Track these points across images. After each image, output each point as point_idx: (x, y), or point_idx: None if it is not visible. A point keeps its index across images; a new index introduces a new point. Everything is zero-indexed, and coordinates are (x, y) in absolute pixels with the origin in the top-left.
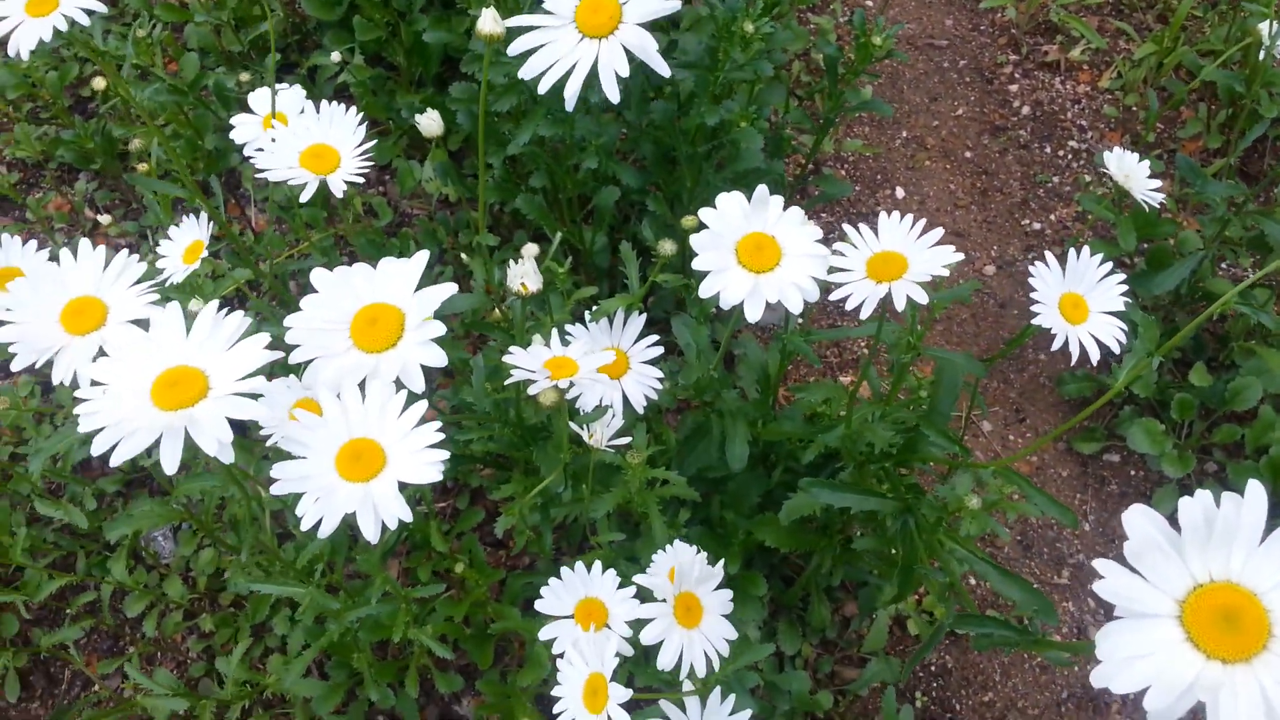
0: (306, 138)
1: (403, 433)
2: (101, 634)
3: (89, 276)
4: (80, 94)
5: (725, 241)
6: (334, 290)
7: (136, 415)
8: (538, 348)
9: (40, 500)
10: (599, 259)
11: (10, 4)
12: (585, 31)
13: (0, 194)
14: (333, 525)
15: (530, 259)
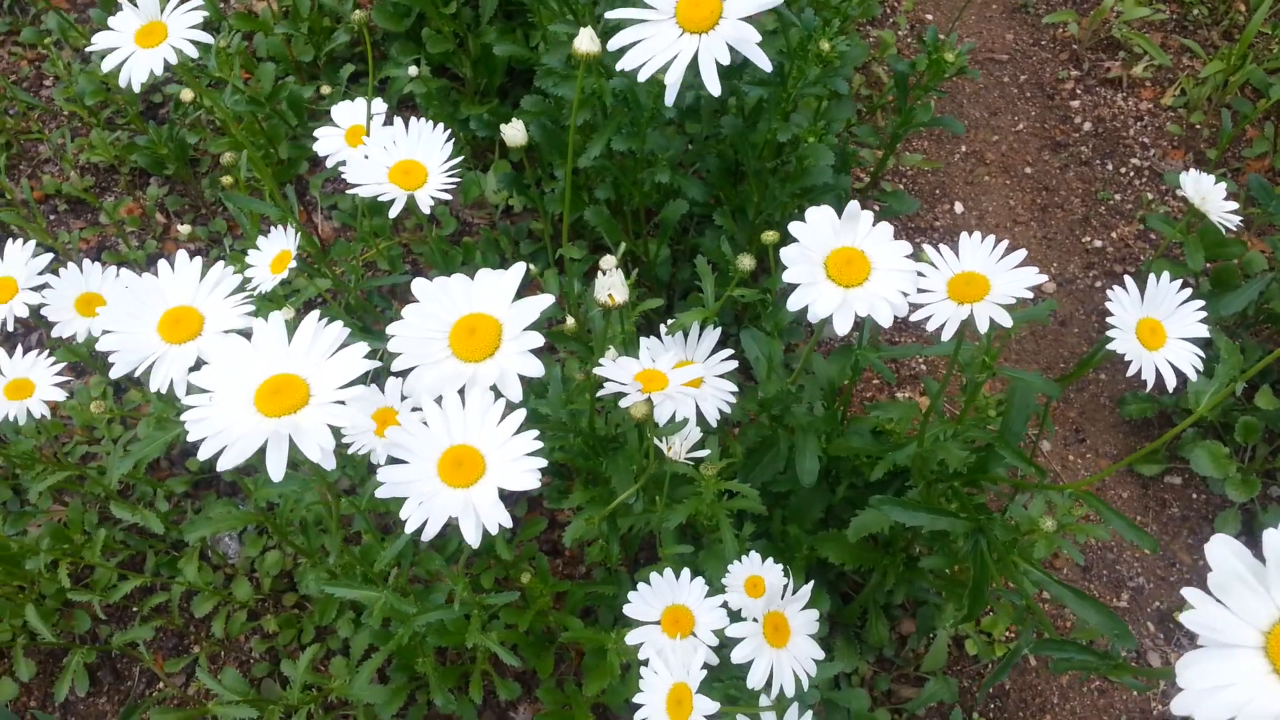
0: (396, 154)
1: (501, 440)
2: (168, 633)
3: (186, 287)
4: (152, 100)
5: (814, 256)
6: (433, 300)
7: (242, 422)
8: (628, 360)
9: (115, 503)
10: (661, 271)
11: (121, 35)
12: (685, 26)
13: (75, 197)
14: (435, 529)
15: (618, 271)
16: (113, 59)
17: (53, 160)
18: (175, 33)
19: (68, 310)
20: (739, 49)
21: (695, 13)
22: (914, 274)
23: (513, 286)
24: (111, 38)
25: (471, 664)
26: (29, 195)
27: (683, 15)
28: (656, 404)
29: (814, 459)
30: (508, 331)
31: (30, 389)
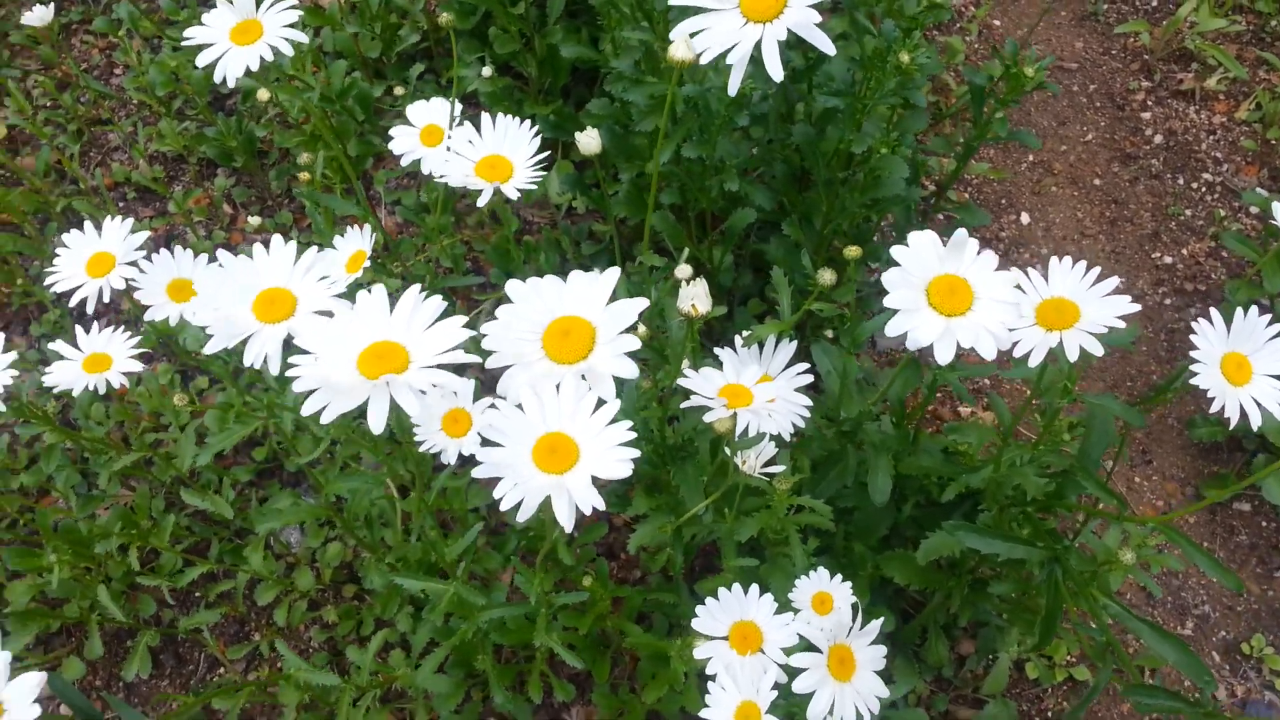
0: (482, 149)
1: (595, 430)
2: (230, 619)
3: (281, 269)
4: (220, 91)
5: (917, 281)
6: (527, 301)
7: (345, 377)
8: (711, 372)
9: (186, 490)
10: (724, 277)
11: (216, 32)
12: (750, 16)
13: (144, 185)
14: (530, 509)
15: (701, 282)
16: (207, 55)
17: (122, 148)
18: (271, 31)
19: (160, 294)
20: (800, 32)
21: (761, 2)
22: (1018, 306)
23: (607, 290)
24: (206, 34)
25: (527, 663)
26: (100, 183)
27: (747, 5)
28: (725, 415)
29: (887, 478)
30: (602, 335)
31: (108, 363)
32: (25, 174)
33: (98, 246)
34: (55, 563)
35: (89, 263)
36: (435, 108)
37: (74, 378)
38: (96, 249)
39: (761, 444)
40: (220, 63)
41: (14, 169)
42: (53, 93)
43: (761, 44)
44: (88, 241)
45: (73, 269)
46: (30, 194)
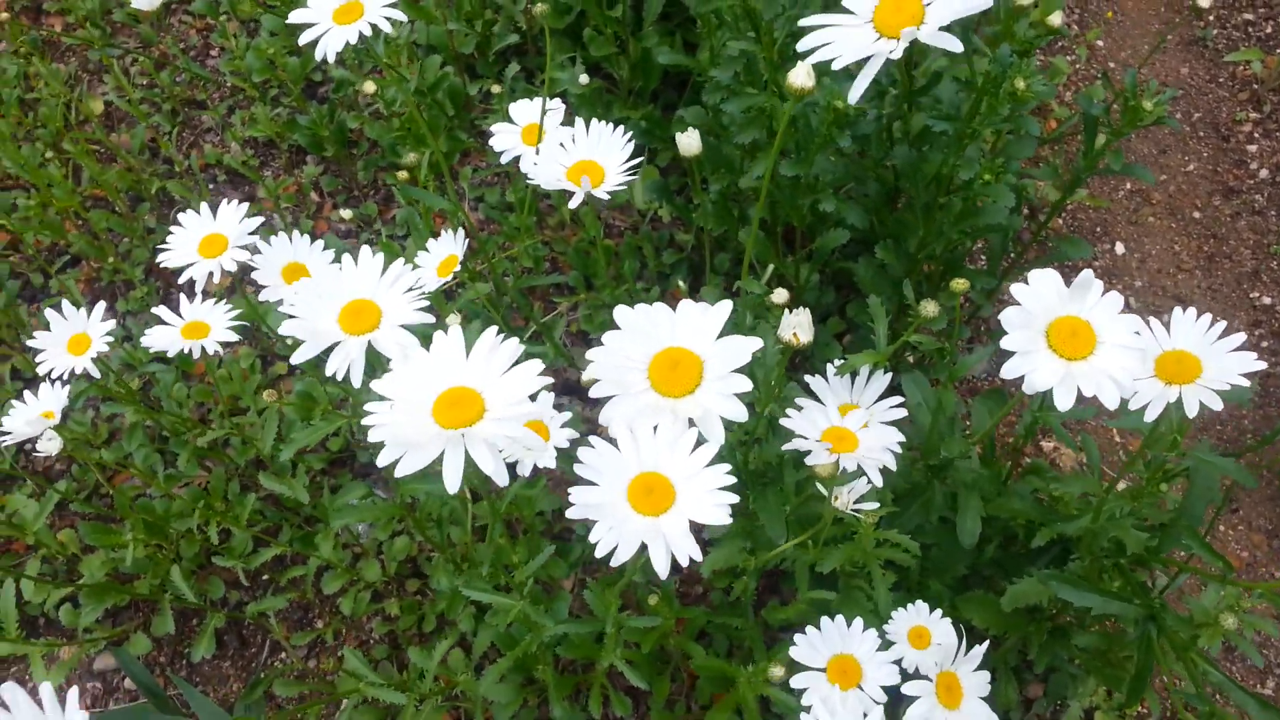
0: (575, 153)
1: (693, 471)
2: (294, 605)
3: (367, 280)
4: (313, 79)
5: (1037, 322)
6: (635, 329)
7: (422, 431)
8: (814, 410)
9: (264, 474)
10: (808, 295)
11: (319, 13)
12: (884, 32)
13: (234, 169)
14: (627, 554)
15: (805, 311)
16: (309, 34)
17: (215, 130)
18: (372, 10)
19: (275, 276)
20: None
21: (896, 18)
22: (1143, 352)
23: (718, 324)
24: (308, 14)
25: (584, 674)
26: (195, 166)
27: (881, 21)
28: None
29: (976, 520)
30: (710, 370)
31: (206, 330)
32: (120, 151)
33: (212, 228)
34: (131, 540)
35: (202, 243)
36: (538, 107)
37: (172, 341)
38: (211, 230)
39: (856, 481)
40: (321, 41)
41: (110, 145)
42: (151, 72)
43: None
44: (202, 222)
45: (186, 247)
46: (125, 173)
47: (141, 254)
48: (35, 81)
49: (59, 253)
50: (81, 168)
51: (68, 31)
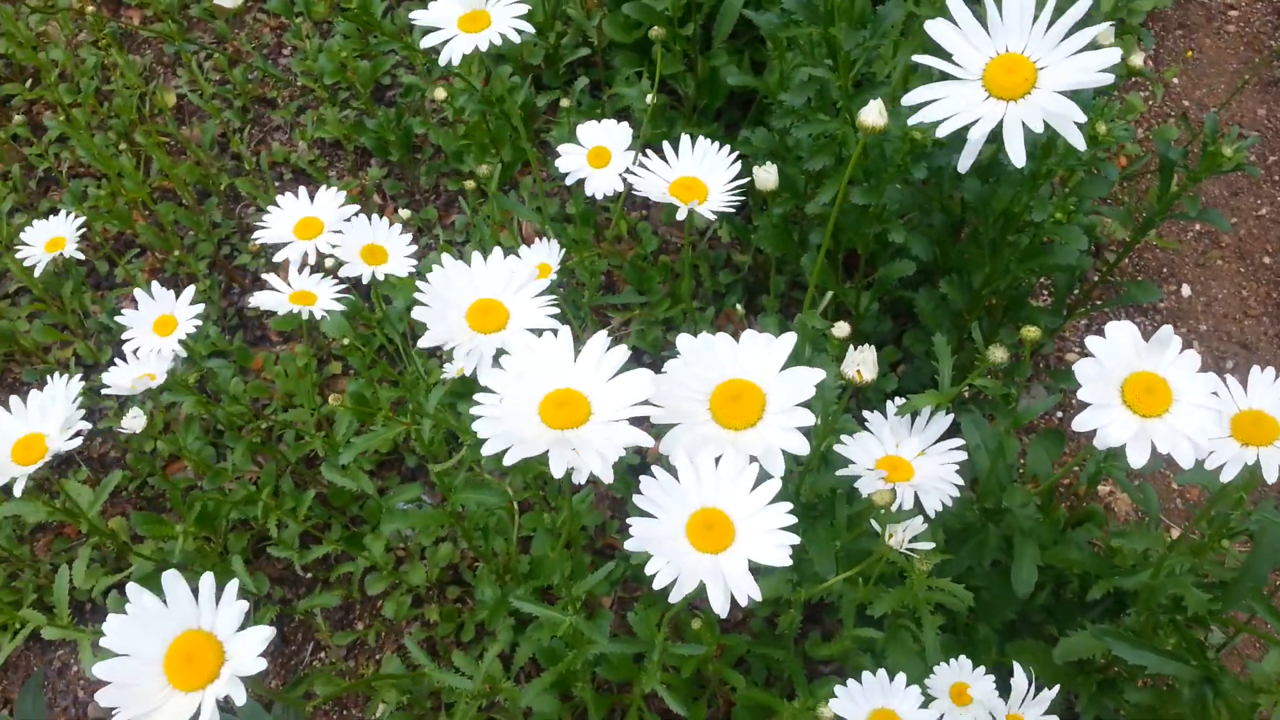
0: (678, 169)
1: (753, 509)
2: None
3: (497, 281)
4: (381, 82)
5: (1112, 376)
6: (697, 358)
7: (529, 427)
8: (868, 439)
9: (329, 468)
10: (867, 324)
11: (445, 17)
12: (993, 91)
13: (300, 168)
14: (685, 591)
15: (870, 349)
16: (434, 37)
17: (283, 129)
18: (500, 20)
19: (355, 254)
20: (1052, 123)
21: (1008, 79)
22: (1220, 412)
23: (782, 356)
24: (433, 18)
25: (620, 694)
26: (264, 164)
27: (992, 80)
28: (885, 489)
29: (1033, 569)
30: (773, 403)
31: (313, 299)
32: (190, 145)
33: (308, 211)
34: (182, 533)
35: (298, 225)
36: (606, 130)
37: (279, 302)
38: (306, 213)
39: (912, 520)
40: (446, 47)
41: (181, 139)
42: (224, 68)
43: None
44: (299, 205)
45: (282, 228)
46: (194, 167)
47: (206, 248)
48: (111, 72)
49: (125, 242)
50: (151, 159)
51: (145, 24)
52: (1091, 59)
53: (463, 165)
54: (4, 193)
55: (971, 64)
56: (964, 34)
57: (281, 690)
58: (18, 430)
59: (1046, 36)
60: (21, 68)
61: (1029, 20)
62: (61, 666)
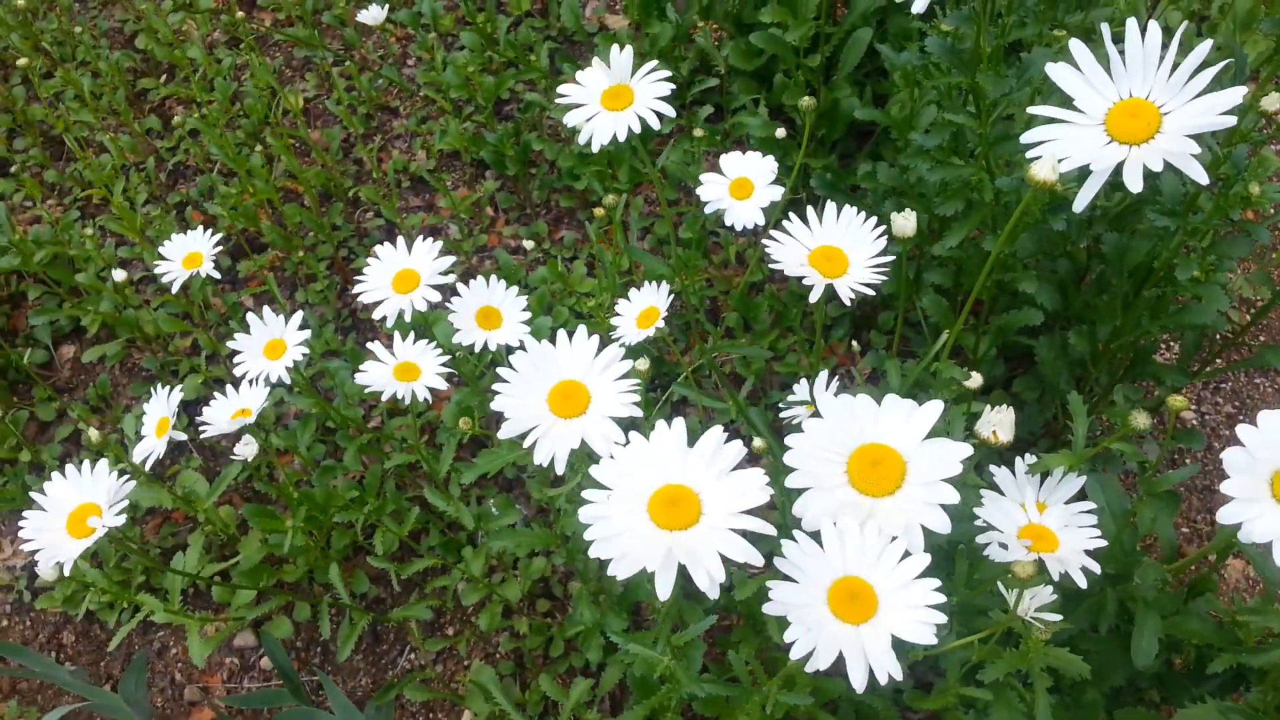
0: (820, 237)
1: (900, 582)
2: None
3: (580, 362)
4: (501, 96)
5: (1261, 469)
6: (838, 419)
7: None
8: (1008, 504)
9: (430, 492)
10: (983, 368)
11: (588, 93)
12: (1116, 136)
13: (418, 176)
14: (825, 663)
15: (1009, 410)
16: (577, 115)
17: (403, 137)
18: (641, 100)
19: (469, 320)
20: (1174, 161)
21: (1131, 124)
22: None
23: (926, 426)
24: (578, 93)
25: None
26: (390, 174)
27: (1114, 125)
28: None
29: (1154, 640)
30: (914, 474)
31: (416, 373)
32: (317, 148)
33: (405, 263)
34: (292, 529)
35: (396, 278)
36: (750, 162)
37: (385, 381)
38: (404, 265)
39: (1042, 587)
40: (588, 125)
41: (308, 141)
42: (353, 75)
43: (1125, 167)
44: (397, 257)
45: (380, 281)
46: (320, 171)
47: (326, 249)
48: (243, 72)
49: (250, 239)
50: (278, 160)
51: (276, 26)
52: (1216, 100)
53: (576, 183)
54: (137, 183)
55: (1094, 109)
56: (1086, 78)
57: (374, 694)
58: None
59: (1171, 80)
60: (157, 63)
61: (1153, 65)
62: (161, 648)
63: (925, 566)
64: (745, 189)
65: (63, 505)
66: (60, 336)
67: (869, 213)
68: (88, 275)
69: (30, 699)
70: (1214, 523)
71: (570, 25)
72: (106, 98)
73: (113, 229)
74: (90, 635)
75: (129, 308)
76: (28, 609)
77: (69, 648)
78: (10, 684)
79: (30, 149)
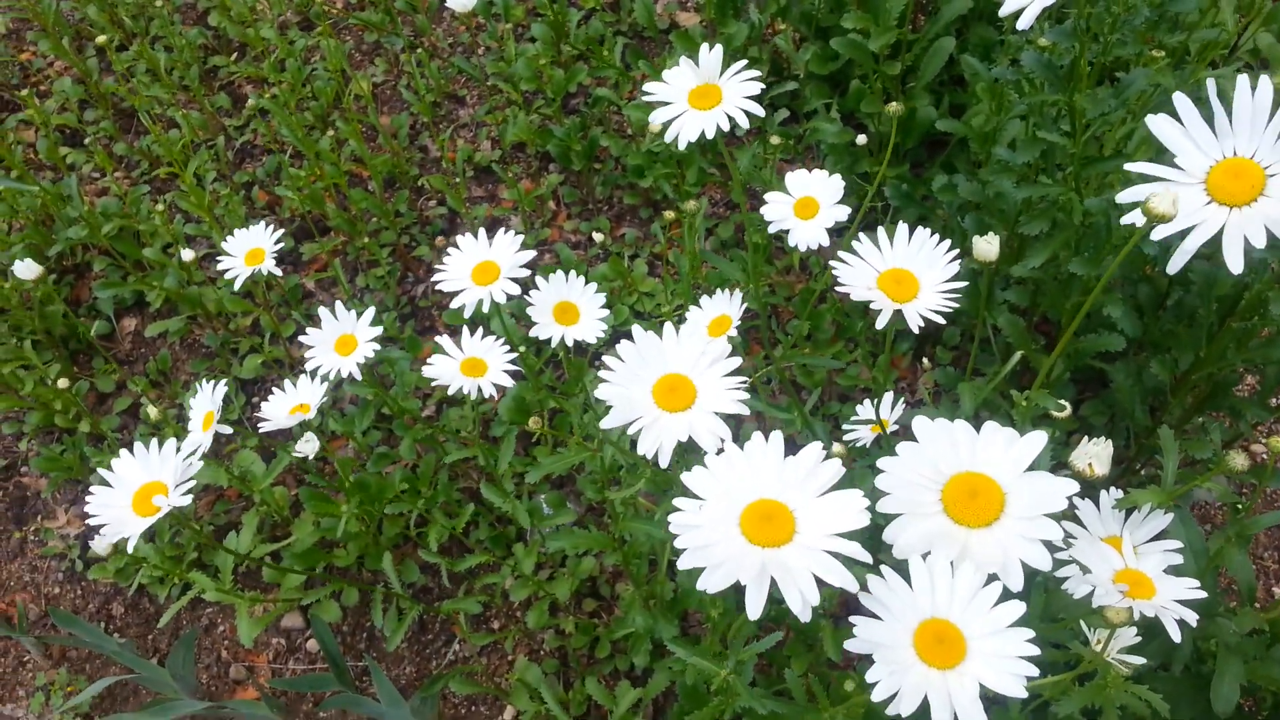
0: (891, 259)
1: (991, 629)
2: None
3: (687, 355)
4: (569, 90)
5: None
6: (934, 444)
7: (728, 545)
8: (1106, 550)
9: (487, 486)
10: (1055, 392)
11: (675, 91)
12: (1217, 197)
13: (483, 166)
14: (910, 708)
15: (1107, 443)
16: (663, 113)
17: (469, 126)
18: (730, 99)
19: (547, 315)
20: (1276, 231)
21: (1234, 185)
22: None
23: (1030, 456)
24: (664, 91)
25: None
26: (459, 160)
27: (1216, 185)
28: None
29: (1235, 687)
30: (1014, 507)
31: (484, 369)
32: (385, 134)
33: (486, 255)
34: (346, 515)
35: (475, 270)
36: (816, 181)
37: (452, 375)
38: (485, 257)
39: (1127, 629)
40: (675, 124)
41: (376, 126)
42: (425, 62)
43: (1225, 232)
44: (477, 248)
45: (460, 272)
46: (389, 158)
47: (389, 235)
48: (314, 55)
49: (314, 221)
50: (345, 143)
51: (348, 10)
52: None
53: (641, 180)
54: (206, 160)
55: (1195, 167)
56: (1188, 133)
57: (421, 688)
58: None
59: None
60: (229, 41)
61: (1262, 123)
62: (209, 625)
63: (1020, 615)
64: (810, 209)
65: (129, 482)
66: (123, 309)
67: (942, 225)
68: (154, 250)
69: (79, 668)
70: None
71: (642, 20)
72: (179, 73)
73: (181, 206)
74: (139, 608)
75: (193, 284)
76: (79, 578)
77: (118, 619)
78: (61, 652)
79: (101, 121)
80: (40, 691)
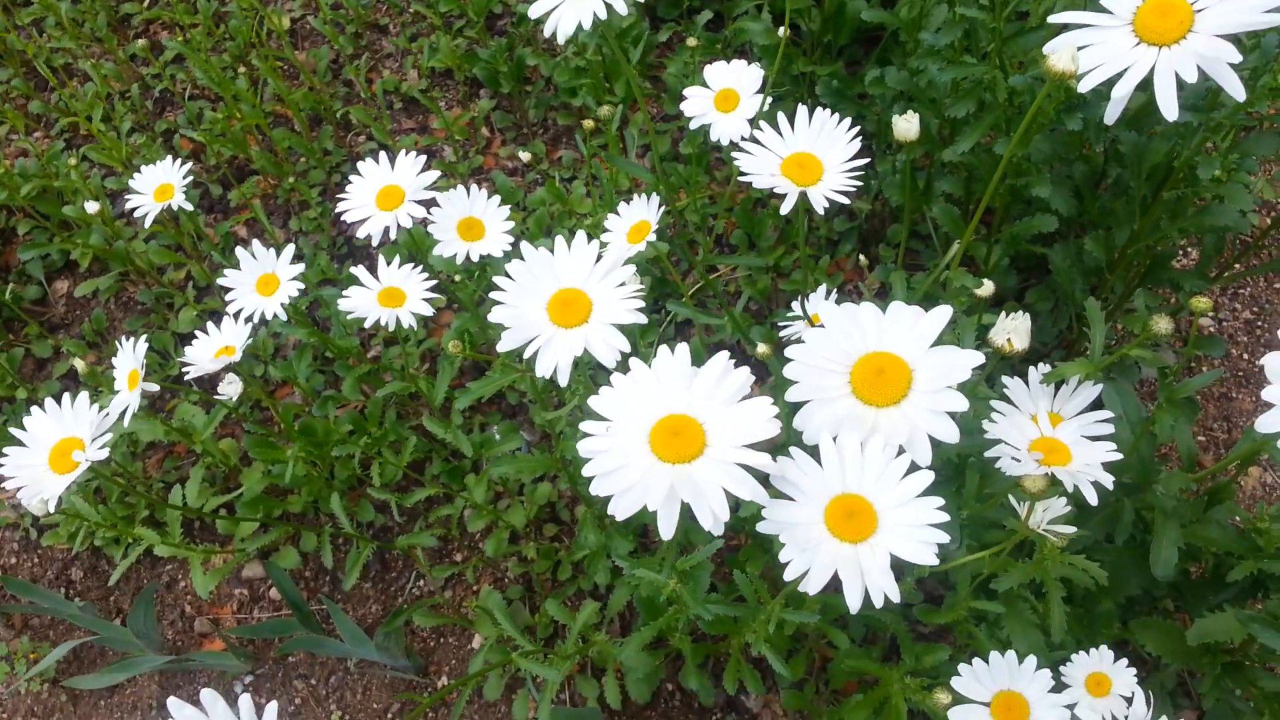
0: (792, 144)
1: (900, 499)
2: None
3: (580, 269)
4: (493, 9)
5: None
6: (840, 329)
7: (638, 466)
8: (1021, 419)
9: (429, 421)
10: (996, 279)
11: None
12: (1144, 37)
13: (410, 97)
14: (819, 584)
15: (1024, 316)
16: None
17: (394, 56)
18: None
19: (451, 232)
20: (1208, 69)
21: (1159, 23)
22: None
23: (933, 332)
24: None
25: (714, 643)
26: (379, 92)
27: (1142, 24)
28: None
29: (1173, 550)
30: (920, 381)
31: (402, 299)
32: (305, 70)
33: (389, 179)
34: (291, 458)
35: (379, 195)
36: (735, 71)
37: (368, 308)
38: (388, 181)
39: (1055, 500)
40: (552, 16)
41: (296, 63)
42: None
43: (1155, 71)
44: (380, 173)
45: (364, 199)
46: (309, 93)
47: (318, 175)
48: None
49: (239, 167)
50: (265, 83)
51: None
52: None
53: (574, 99)
54: (123, 111)
55: (1121, 7)
56: None
57: (384, 621)
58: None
59: None
60: None
61: None
62: (170, 581)
63: (928, 484)
64: (731, 101)
65: (44, 440)
66: (53, 272)
67: (876, 120)
68: (74, 208)
69: (42, 635)
70: (1231, 431)
71: None
72: (88, 24)
73: (98, 159)
74: (98, 570)
75: (119, 240)
76: (35, 546)
77: (77, 583)
78: (22, 620)
79: (12, 79)
80: (4, 661)
